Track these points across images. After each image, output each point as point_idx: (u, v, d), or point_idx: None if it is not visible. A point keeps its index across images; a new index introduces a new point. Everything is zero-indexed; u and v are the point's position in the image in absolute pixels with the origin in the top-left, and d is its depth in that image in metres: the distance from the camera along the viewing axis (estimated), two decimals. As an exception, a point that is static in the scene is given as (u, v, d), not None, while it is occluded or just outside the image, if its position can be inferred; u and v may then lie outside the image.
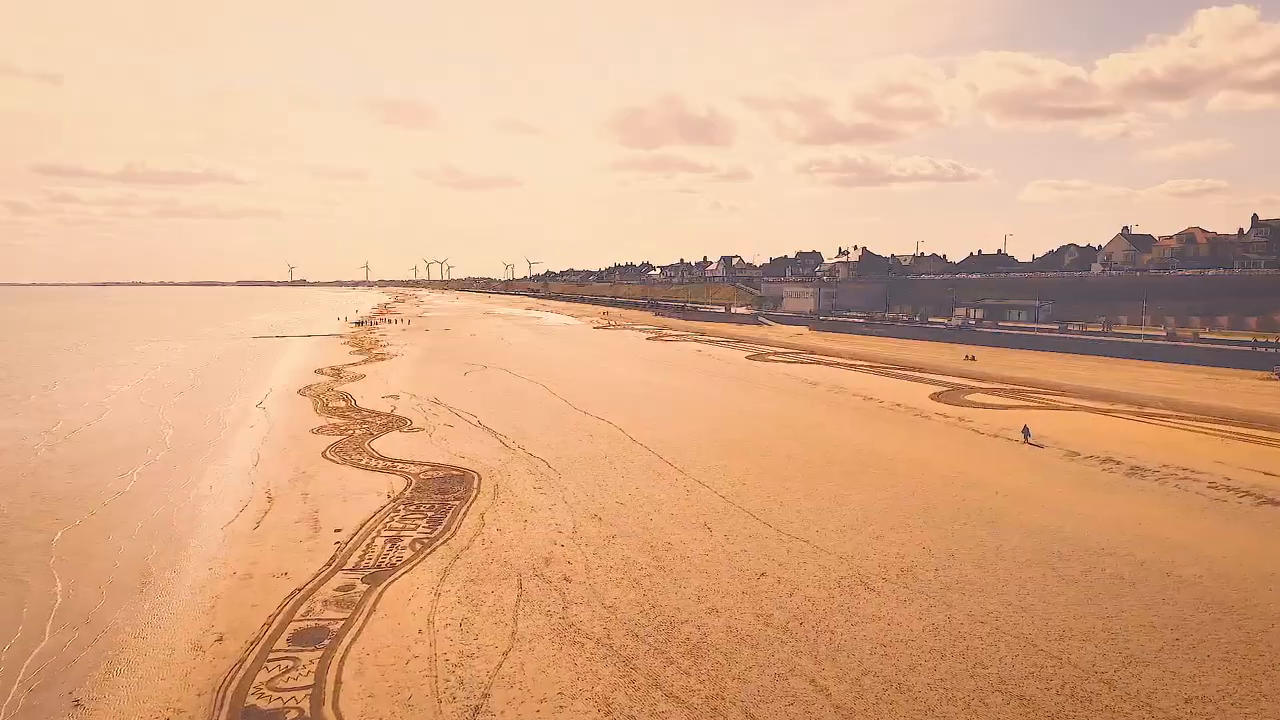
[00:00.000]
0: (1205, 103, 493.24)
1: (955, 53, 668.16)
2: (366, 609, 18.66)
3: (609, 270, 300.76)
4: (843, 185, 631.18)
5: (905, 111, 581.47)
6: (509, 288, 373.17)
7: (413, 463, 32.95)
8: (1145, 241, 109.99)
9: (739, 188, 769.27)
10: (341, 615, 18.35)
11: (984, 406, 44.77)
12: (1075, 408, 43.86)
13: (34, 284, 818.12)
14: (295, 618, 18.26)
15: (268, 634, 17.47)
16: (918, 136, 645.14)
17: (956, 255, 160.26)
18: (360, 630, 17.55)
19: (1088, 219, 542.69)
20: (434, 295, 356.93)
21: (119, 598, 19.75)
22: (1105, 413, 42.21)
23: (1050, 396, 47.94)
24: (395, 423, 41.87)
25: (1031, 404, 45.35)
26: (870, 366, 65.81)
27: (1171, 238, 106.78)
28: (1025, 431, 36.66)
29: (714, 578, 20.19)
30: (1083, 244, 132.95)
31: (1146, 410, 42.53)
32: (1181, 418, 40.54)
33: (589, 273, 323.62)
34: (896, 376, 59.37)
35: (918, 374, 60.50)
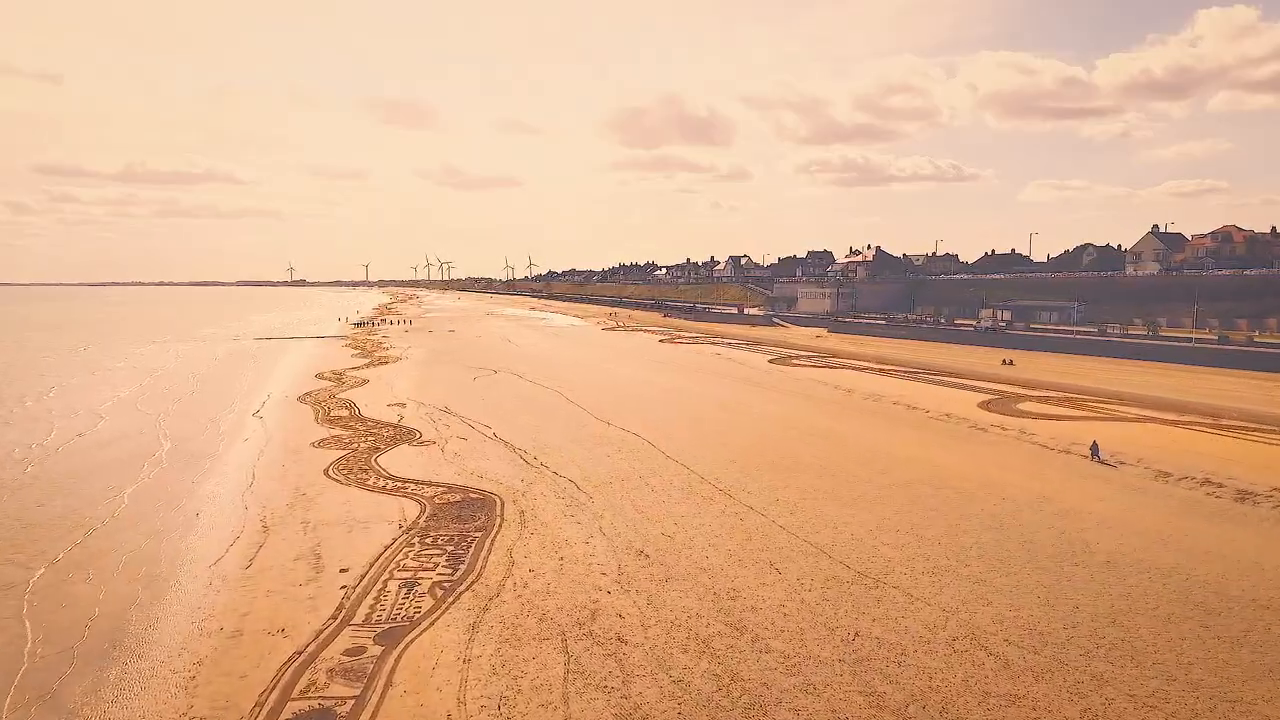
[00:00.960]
0: (1205, 103, 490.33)
1: (955, 53, 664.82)
2: (381, 681, 15.24)
3: (613, 270, 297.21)
4: (843, 185, 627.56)
5: (905, 111, 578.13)
6: (510, 288, 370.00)
7: (425, 483, 29.58)
8: (1177, 240, 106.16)
9: (739, 188, 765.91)
10: (351, 691, 14.93)
11: (1041, 417, 41.23)
12: (1142, 419, 40.33)
13: (34, 284, 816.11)
14: (294, 694, 14.85)
15: (259, 719, 14.07)
16: (918, 136, 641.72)
17: (961, 255, 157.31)
18: (375, 714, 14.15)
19: (1088, 219, 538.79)
20: (435, 295, 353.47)
21: (86, 662, 16.38)
22: (1177, 424, 38.66)
23: (1110, 406, 44.40)
24: (403, 435, 38.50)
25: (1092, 414, 41.81)
26: (902, 371, 62.30)
27: (1205, 236, 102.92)
28: (1094, 449, 33.10)
29: (799, 639, 16.73)
30: (1098, 244, 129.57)
31: (1223, 422, 38.97)
32: (1265, 430, 37.00)
33: (592, 272, 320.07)
34: (934, 382, 55.85)
35: (956, 380, 56.97)
